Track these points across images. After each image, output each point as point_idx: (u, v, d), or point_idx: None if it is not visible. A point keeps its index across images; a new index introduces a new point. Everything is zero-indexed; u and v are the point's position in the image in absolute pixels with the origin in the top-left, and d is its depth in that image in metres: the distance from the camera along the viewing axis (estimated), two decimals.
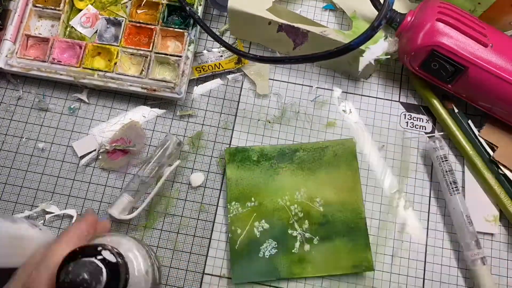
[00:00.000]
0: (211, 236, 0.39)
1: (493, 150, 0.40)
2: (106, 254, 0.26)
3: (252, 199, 0.39)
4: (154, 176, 0.38)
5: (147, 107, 0.42)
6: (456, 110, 0.41)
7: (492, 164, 0.39)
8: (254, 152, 0.40)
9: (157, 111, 0.42)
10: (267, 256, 0.37)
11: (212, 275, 0.38)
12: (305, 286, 0.37)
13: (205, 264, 0.38)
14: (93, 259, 0.25)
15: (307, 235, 0.38)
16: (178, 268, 0.38)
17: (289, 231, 0.38)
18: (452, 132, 0.40)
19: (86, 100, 0.42)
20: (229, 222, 0.38)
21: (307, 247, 0.37)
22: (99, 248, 0.26)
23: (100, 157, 0.40)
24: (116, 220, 0.37)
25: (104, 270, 0.26)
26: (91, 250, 0.26)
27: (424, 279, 0.38)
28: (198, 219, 0.39)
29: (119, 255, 0.27)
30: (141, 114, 0.42)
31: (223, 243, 0.38)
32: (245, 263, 0.37)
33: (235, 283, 0.37)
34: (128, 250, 0.30)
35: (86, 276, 0.25)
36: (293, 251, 0.37)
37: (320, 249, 0.37)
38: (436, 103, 0.41)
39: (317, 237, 0.38)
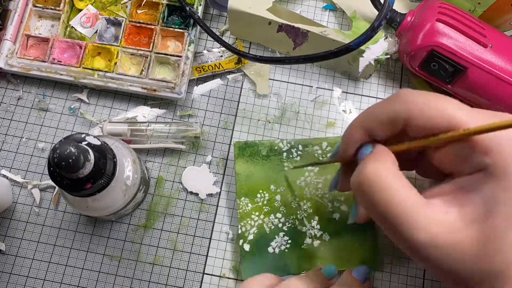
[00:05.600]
0: (211, 236, 0.39)
1: None
2: (90, 139, 0.29)
3: (262, 194, 0.39)
4: (157, 137, 0.39)
5: (147, 107, 0.42)
6: None
7: None
8: (264, 146, 0.40)
9: (157, 111, 0.42)
10: (277, 252, 0.37)
11: (212, 275, 0.38)
12: None
13: (205, 264, 0.38)
14: (78, 144, 0.27)
15: (317, 231, 0.38)
16: (178, 268, 0.38)
17: (299, 227, 0.38)
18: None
19: (86, 100, 0.42)
20: (238, 217, 0.38)
21: (316, 243, 0.37)
22: (83, 135, 0.29)
23: None
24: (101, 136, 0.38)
25: (90, 150, 0.27)
26: (75, 137, 0.29)
27: (424, 279, 0.38)
28: (198, 219, 0.39)
29: (104, 142, 0.30)
30: (141, 114, 0.42)
31: (223, 243, 0.38)
32: (255, 258, 0.37)
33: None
34: (112, 142, 0.33)
35: (73, 150, 0.25)
36: (302, 246, 0.37)
37: (330, 245, 0.37)
38: None
39: (327, 233, 0.38)
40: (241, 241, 0.37)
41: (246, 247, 0.37)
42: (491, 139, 0.22)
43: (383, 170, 0.24)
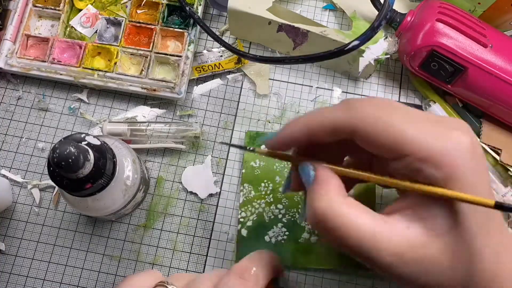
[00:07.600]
0: (211, 236, 0.39)
1: (497, 153, 0.39)
2: (90, 139, 0.29)
3: (266, 184, 0.39)
4: (157, 137, 0.39)
5: (147, 107, 0.42)
6: (460, 105, 0.41)
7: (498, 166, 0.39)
8: None
9: (157, 111, 0.42)
10: (274, 242, 0.37)
11: None
12: (306, 277, 0.37)
13: (205, 264, 0.38)
14: (78, 144, 0.27)
15: None
16: (178, 268, 0.38)
17: (298, 221, 0.38)
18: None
19: (86, 100, 0.42)
20: (240, 203, 0.38)
21: (314, 238, 0.37)
22: (83, 135, 0.29)
23: None
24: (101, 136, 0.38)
25: (90, 150, 0.27)
26: (75, 137, 0.28)
27: None
28: (198, 219, 0.39)
29: (103, 142, 0.30)
30: (141, 114, 0.42)
31: (223, 243, 0.38)
32: (251, 245, 0.37)
33: None
34: (112, 142, 0.33)
35: (73, 149, 0.25)
36: (299, 240, 0.37)
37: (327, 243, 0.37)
38: (438, 99, 0.41)
39: None
40: (239, 226, 0.38)
41: (244, 232, 0.38)
42: (440, 152, 0.22)
43: (331, 205, 0.23)
